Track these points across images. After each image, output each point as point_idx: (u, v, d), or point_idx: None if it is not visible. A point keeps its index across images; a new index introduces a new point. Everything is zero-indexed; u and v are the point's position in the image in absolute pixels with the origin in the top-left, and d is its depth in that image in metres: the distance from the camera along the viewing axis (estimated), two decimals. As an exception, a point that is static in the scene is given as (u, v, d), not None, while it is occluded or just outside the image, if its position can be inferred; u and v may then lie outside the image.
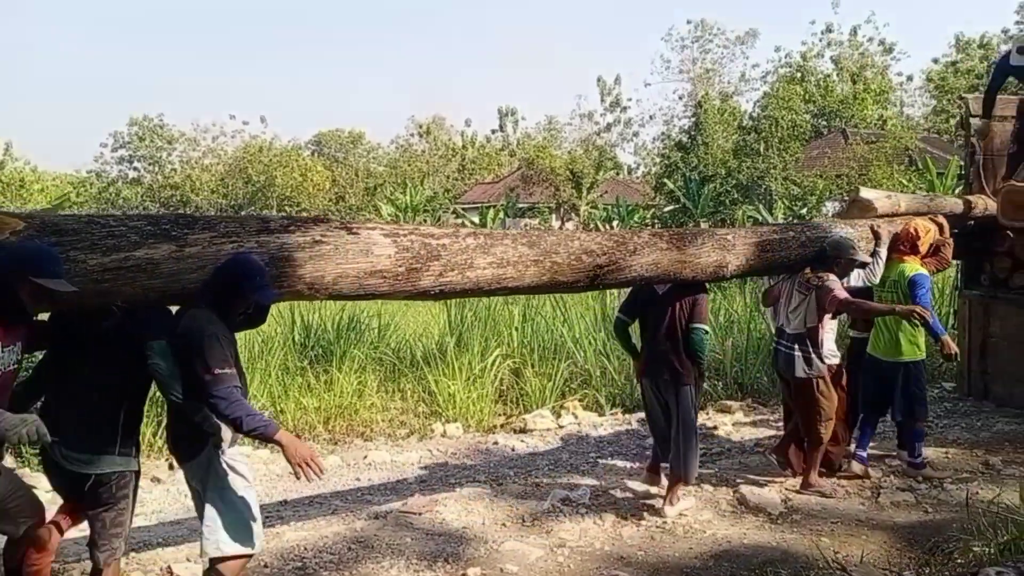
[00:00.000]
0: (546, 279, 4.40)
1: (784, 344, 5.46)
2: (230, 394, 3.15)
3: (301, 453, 3.21)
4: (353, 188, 45.68)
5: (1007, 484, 5.46)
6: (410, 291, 3.93)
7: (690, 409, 5.10)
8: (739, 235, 5.24)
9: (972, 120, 7.21)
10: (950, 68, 32.37)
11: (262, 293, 3.33)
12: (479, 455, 6.67)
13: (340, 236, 3.67)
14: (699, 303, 5.07)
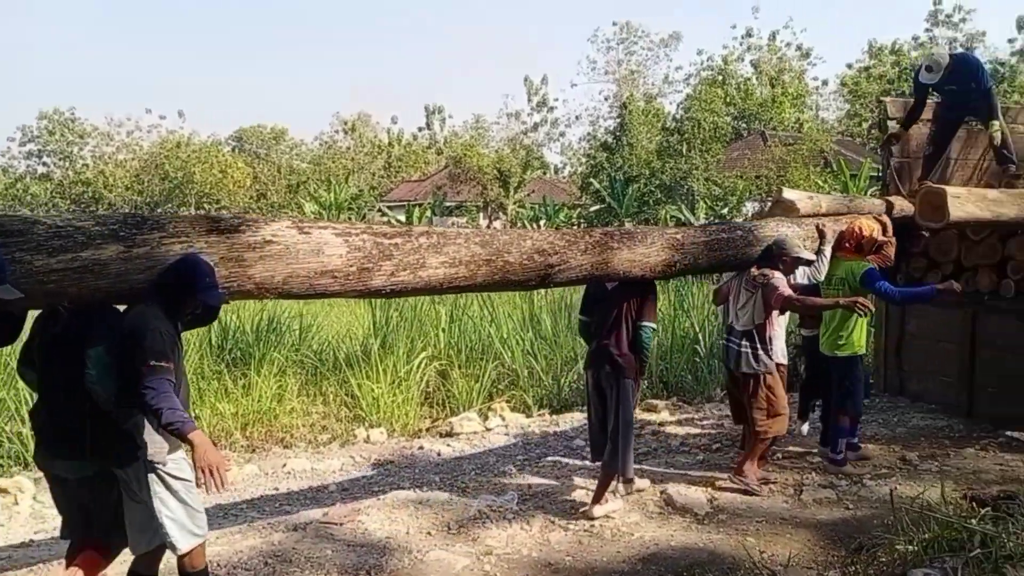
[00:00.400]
0: (498, 278, 4.41)
1: (734, 341, 5.53)
2: (160, 385, 3.13)
3: (210, 458, 3.17)
4: (275, 185, 44.59)
5: (924, 479, 5.58)
6: (362, 291, 3.92)
7: (629, 404, 5.10)
8: (688, 234, 5.30)
9: (889, 123, 7.39)
10: (863, 73, 33.54)
11: (210, 294, 3.30)
12: (404, 461, 6.50)
13: (291, 236, 3.63)
14: (648, 301, 5.12)
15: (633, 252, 4.92)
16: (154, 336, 3.19)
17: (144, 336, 3.18)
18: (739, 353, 5.45)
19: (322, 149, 52.14)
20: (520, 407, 8.40)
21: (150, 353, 3.16)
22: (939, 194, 5.68)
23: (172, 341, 3.30)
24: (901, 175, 7.25)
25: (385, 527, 5.06)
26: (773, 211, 6.57)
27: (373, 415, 7.63)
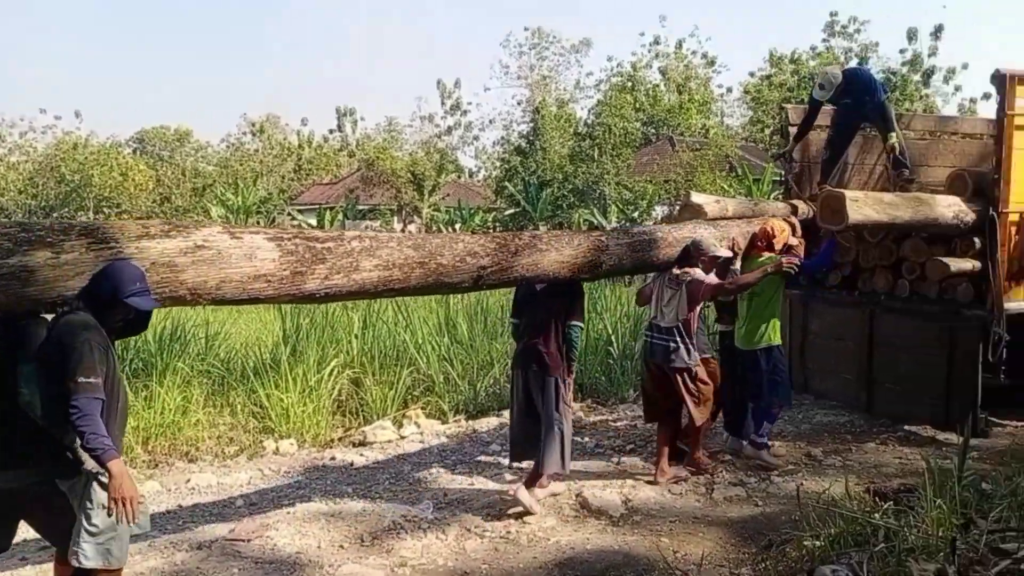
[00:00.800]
0: (431, 280, 4.48)
1: (659, 337, 5.70)
2: (86, 405, 3.06)
3: (124, 491, 3.12)
4: (180, 189, 42.97)
5: (829, 474, 5.77)
6: (295, 294, 3.94)
7: (554, 402, 5.17)
8: (612, 236, 5.48)
9: (791, 129, 7.63)
10: (765, 81, 34.70)
11: (140, 300, 3.26)
12: (315, 472, 6.30)
13: (223, 241, 3.66)
14: (576, 301, 5.28)
15: (561, 254, 5.05)
16: (83, 349, 3.10)
17: (72, 349, 3.09)
18: (667, 348, 5.63)
19: (229, 151, 50.59)
20: (436, 413, 8.28)
21: (78, 369, 3.07)
22: (839, 198, 5.89)
23: (103, 352, 3.19)
24: (802, 179, 7.50)
25: (295, 542, 4.89)
26: (682, 214, 6.70)
27: (283, 426, 7.39)
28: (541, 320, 5.25)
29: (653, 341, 5.76)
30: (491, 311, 11.34)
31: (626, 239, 5.52)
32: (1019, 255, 6.27)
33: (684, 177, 24.22)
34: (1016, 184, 6.25)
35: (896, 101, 27.44)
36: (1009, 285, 6.30)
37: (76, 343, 3.10)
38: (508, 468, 6.03)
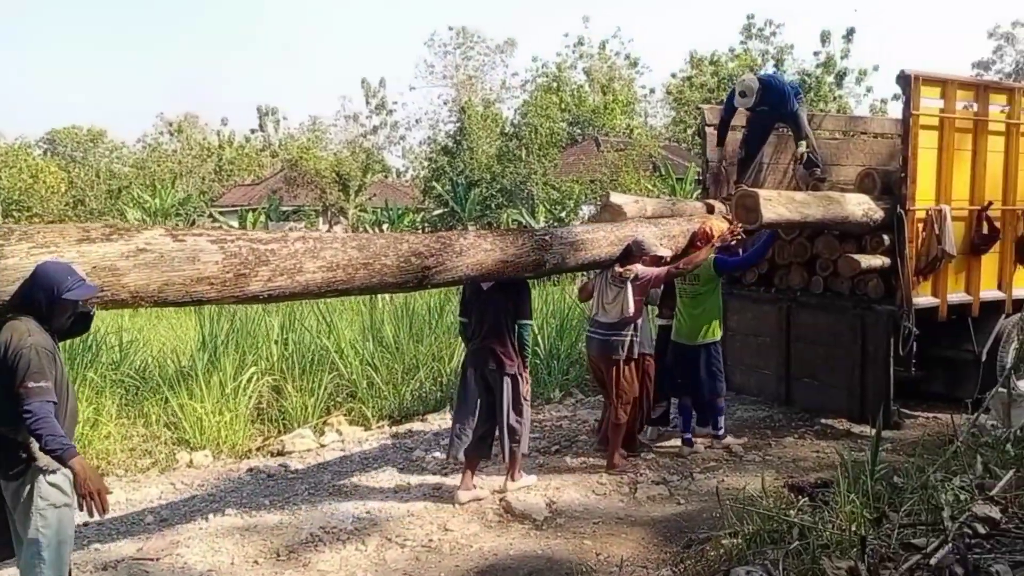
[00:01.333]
0: (375, 281, 4.53)
1: (600, 332, 5.92)
2: (40, 409, 3.12)
3: (91, 484, 3.19)
4: (94, 191, 41.26)
5: (749, 470, 5.85)
6: (239, 296, 3.98)
7: (518, 394, 5.41)
8: (555, 235, 5.54)
9: (707, 129, 7.73)
10: (686, 82, 35.31)
11: (79, 291, 3.28)
12: (230, 484, 6.07)
13: (165, 244, 3.69)
14: (523, 299, 5.45)
15: (505, 253, 5.12)
16: (30, 353, 3.15)
17: (20, 355, 3.15)
18: (607, 343, 5.86)
19: (146, 152, 48.91)
20: (359, 420, 8.11)
21: (27, 374, 3.13)
22: (753, 197, 5.97)
23: (49, 355, 3.24)
24: (719, 179, 7.60)
25: (207, 559, 4.70)
26: (602, 215, 6.70)
27: (198, 437, 7.11)
28: (492, 320, 5.38)
29: (595, 336, 5.97)
30: (418, 314, 11.19)
31: (569, 238, 5.59)
32: (926, 251, 6.48)
33: (609, 177, 24.41)
34: (922, 182, 6.46)
35: (811, 102, 28.27)
36: (917, 280, 6.50)
37: (23, 349, 3.15)
38: (432, 471, 5.93)
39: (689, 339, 6.28)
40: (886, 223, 6.45)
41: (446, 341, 9.92)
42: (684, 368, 6.35)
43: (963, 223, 6.78)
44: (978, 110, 6.79)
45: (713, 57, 34.61)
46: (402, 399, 8.45)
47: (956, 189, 6.68)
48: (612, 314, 5.82)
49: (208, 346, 8.90)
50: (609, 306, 5.84)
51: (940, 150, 6.60)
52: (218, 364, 8.20)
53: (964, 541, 3.07)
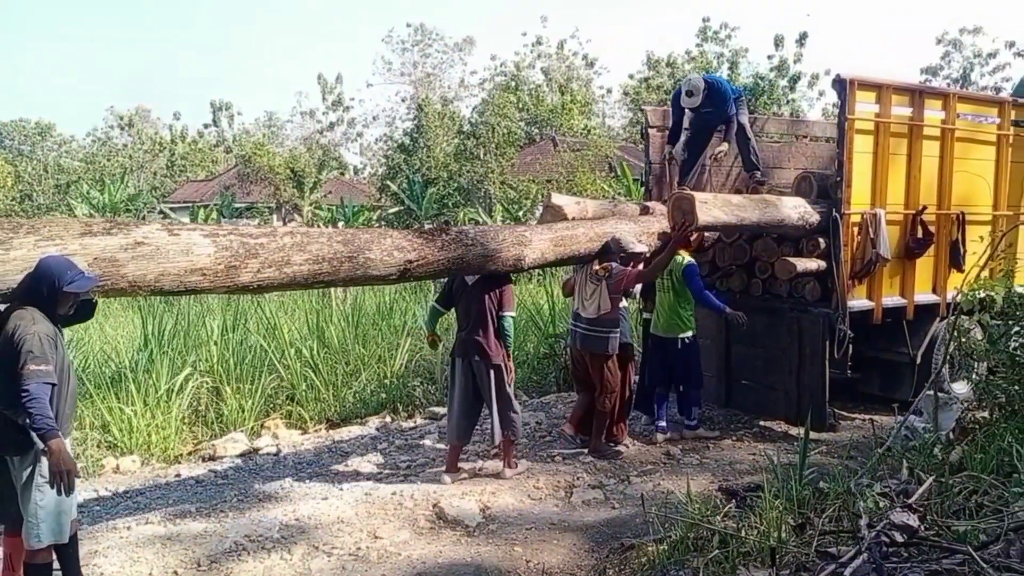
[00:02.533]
0: (360, 273, 4.77)
1: (581, 327, 6.23)
2: (36, 390, 3.42)
3: (63, 464, 3.49)
4: (42, 185, 40.22)
5: (685, 473, 5.83)
6: (230, 286, 4.25)
7: (503, 383, 5.76)
8: (535, 232, 5.83)
9: (650, 130, 7.71)
10: (643, 84, 35.53)
11: (80, 283, 3.56)
12: (156, 491, 5.88)
13: (162, 237, 3.97)
14: (505, 292, 5.74)
15: (486, 248, 5.37)
16: (33, 339, 3.46)
17: (23, 340, 3.45)
18: (587, 337, 6.18)
19: (96, 146, 47.78)
20: (298, 423, 7.96)
21: (29, 357, 3.43)
22: (688, 199, 5.96)
23: (51, 342, 3.54)
24: (661, 180, 7.59)
25: (124, 569, 4.54)
26: (544, 216, 6.66)
27: (126, 441, 6.89)
28: (477, 312, 5.71)
29: (577, 330, 6.28)
30: (366, 314, 11.03)
31: (548, 234, 5.81)
32: (861, 255, 6.52)
33: (566, 177, 24.42)
34: (857, 186, 6.51)
35: (764, 105, 28.65)
36: (852, 284, 6.55)
37: (26, 336, 3.46)
38: (367, 476, 5.81)
39: (666, 331, 6.61)
40: (822, 226, 6.48)
41: (393, 342, 9.79)
42: (661, 359, 6.70)
43: (898, 227, 6.84)
44: (913, 115, 6.86)
45: (670, 59, 34.88)
46: (343, 401, 8.31)
47: (891, 193, 6.73)
48: (590, 310, 6.12)
49: (149, 345, 8.67)
50: (587, 302, 6.13)
51: (876, 154, 6.64)
52: (154, 366, 7.98)
53: (881, 550, 3.06)
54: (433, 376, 9.03)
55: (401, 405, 8.33)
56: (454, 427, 5.94)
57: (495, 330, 5.72)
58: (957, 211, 7.12)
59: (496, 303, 5.72)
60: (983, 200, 7.42)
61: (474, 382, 5.83)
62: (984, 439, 4.62)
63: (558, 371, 9.15)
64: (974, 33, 38.88)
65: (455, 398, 5.92)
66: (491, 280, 5.71)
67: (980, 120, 7.59)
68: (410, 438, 7.20)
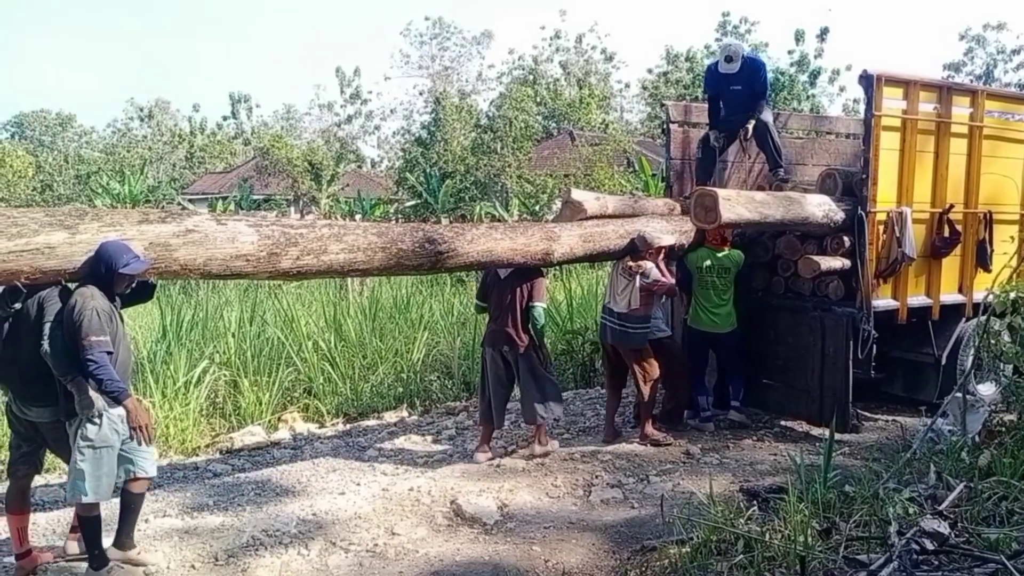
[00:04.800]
0: (393, 263, 5.08)
1: (613, 321, 6.33)
2: (100, 358, 3.85)
3: (140, 418, 4.03)
4: (62, 176, 40.54)
5: (705, 473, 5.76)
6: (272, 272, 4.63)
7: (535, 365, 6.00)
8: (564, 228, 5.98)
9: (672, 126, 7.61)
10: (662, 78, 35.31)
11: (134, 266, 3.97)
12: (174, 484, 5.88)
13: (210, 226, 4.37)
14: (536, 284, 5.95)
15: (515, 242, 5.58)
16: (91, 315, 3.86)
17: (83, 314, 3.86)
18: (618, 331, 6.29)
19: (115, 137, 48.09)
20: (315, 416, 7.95)
21: (89, 329, 3.84)
22: (711, 196, 5.87)
23: (108, 317, 3.97)
24: (683, 177, 7.50)
25: (143, 563, 4.52)
26: (563, 211, 6.58)
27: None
28: (507, 304, 5.91)
29: (608, 324, 6.37)
30: (383, 307, 11.01)
31: (577, 231, 5.96)
32: (887, 254, 6.41)
33: (583, 172, 24.31)
34: (883, 184, 6.40)
35: (784, 100, 28.36)
36: (877, 283, 6.44)
37: (85, 310, 3.86)
38: (384, 471, 5.79)
39: (723, 325, 6.71)
40: (847, 224, 6.38)
41: (410, 335, 9.77)
42: (706, 354, 6.90)
43: (924, 226, 6.72)
44: (941, 112, 6.73)
45: (689, 53, 34.60)
46: (359, 395, 8.29)
47: (918, 191, 6.61)
48: (621, 304, 6.23)
49: (167, 336, 8.69)
50: (619, 296, 6.24)
51: (902, 151, 6.52)
52: (172, 358, 8.00)
53: (911, 558, 2.99)
54: (450, 371, 9.00)
55: (418, 400, 8.30)
56: (487, 412, 6.20)
57: (524, 321, 5.92)
58: (984, 210, 6.99)
59: (527, 295, 5.90)
60: (1011, 199, 7.28)
61: (506, 369, 6.06)
62: (1013, 443, 4.53)
63: (576, 367, 9.10)
64: (998, 29, 38.29)
65: (488, 386, 6.16)
66: (523, 273, 5.91)
67: (1008, 118, 7.45)
68: (427, 433, 7.17)
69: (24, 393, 4.16)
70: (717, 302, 6.69)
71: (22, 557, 4.37)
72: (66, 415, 4.09)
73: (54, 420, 4.16)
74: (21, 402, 4.17)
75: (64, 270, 3.95)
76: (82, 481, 4.03)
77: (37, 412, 4.16)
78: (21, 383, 4.14)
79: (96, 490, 4.07)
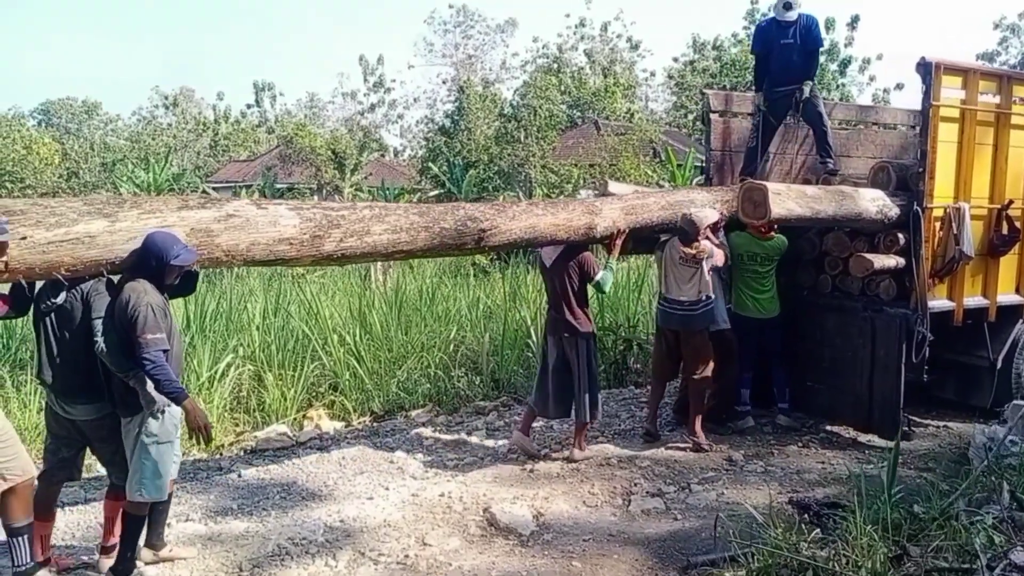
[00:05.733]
0: (436, 242, 4.95)
1: (680, 309, 6.07)
2: (157, 357, 3.77)
3: (198, 420, 3.93)
4: (88, 163, 40.75)
5: (750, 482, 5.49)
6: (315, 255, 4.51)
7: (590, 360, 5.86)
8: (606, 202, 5.76)
9: (712, 115, 7.29)
10: (688, 67, 34.76)
11: (184, 256, 3.88)
12: (198, 486, 5.68)
13: (251, 211, 4.27)
14: (585, 261, 5.80)
15: (556, 217, 5.42)
16: (147, 310, 3.77)
17: (138, 310, 3.76)
18: (687, 317, 6.06)
19: (141, 125, 48.26)
20: (340, 414, 7.74)
21: (145, 326, 3.75)
22: (761, 190, 5.57)
23: (162, 311, 3.89)
24: (722, 169, 7.18)
25: (164, 571, 4.36)
26: (601, 205, 6.28)
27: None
28: (560, 289, 5.82)
29: (676, 313, 6.11)
30: (408, 299, 10.78)
31: (619, 204, 5.75)
32: (943, 252, 6.09)
33: (609, 161, 23.94)
34: (940, 178, 6.06)
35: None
36: (933, 282, 6.11)
37: (140, 306, 3.77)
38: (413, 474, 5.58)
39: (768, 310, 6.50)
40: (901, 221, 6.05)
41: (436, 329, 9.53)
42: (754, 342, 6.59)
43: (982, 222, 6.39)
44: (1001, 102, 6.37)
45: (716, 42, 34.04)
46: (386, 391, 8.07)
47: (976, 186, 6.28)
48: (690, 293, 5.99)
49: (191, 329, 8.53)
50: (686, 286, 5.99)
51: (960, 144, 6.19)
52: (195, 351, 7.83)
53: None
54: (478, 367, 8.76)
55: (446, 398, 8.07)
56: (547, 402, 6.00)
57: (579, 305, 5.82)
58: (1046, 206, 6.63)
59: (578, 275, 5.79)
60: (1074, 195, 6.90)
61: (565, 358, 5.89)
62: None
63: (608, 365, 8.83)
64: (1034, 17, 37.32)
65: (549, 375, 5.98)
66: (567, 254, 5.79)
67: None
68: (456, 433, 6.94)
69: (67, 389, 4.02)
70: (759, 288, 6.47)
71: (42, 565, 4.20)
72: (125, 411, 4.00)
73: (98, 417, 4.06)
74: (63, 399, 4.04)
75: (105, 260, 3.83)
76: (147, 478, 3.97)
77: (81, 409, 4.04)
78: (64, 379, 4.01)
79: (156, 489, 4.02)
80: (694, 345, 6.13)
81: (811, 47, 6.91)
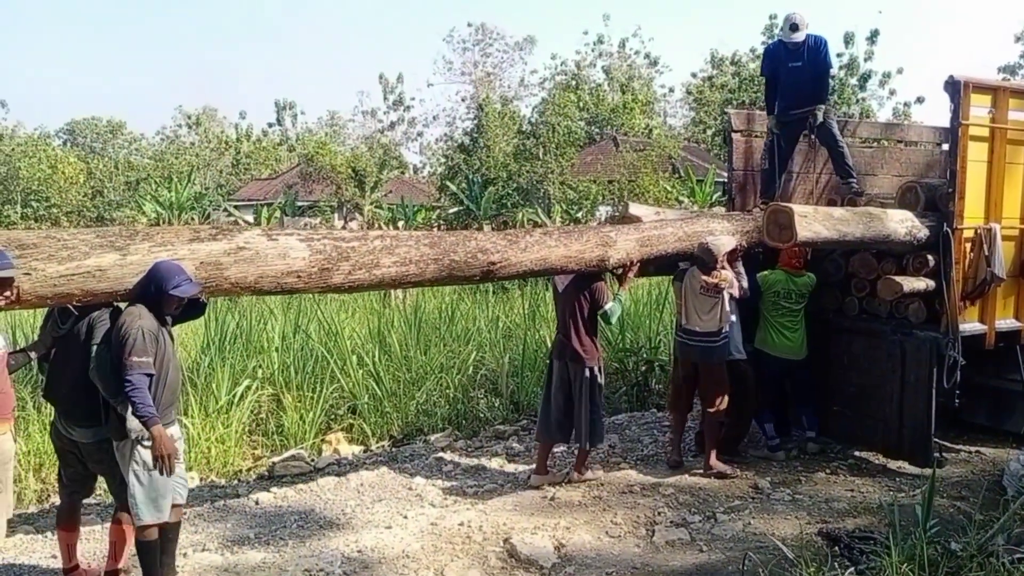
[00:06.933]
0: (445, 275, 4.96)
1: (700, 341, 5.96)
2: (138, 380, 3.80)
3: (165, 448, 3.90)
4: (112, 182, 41.27)
5: (777, 511, 5.35)
6: (323, 287, 4.55)
7: (594, 387, 5.77)
8: (620, 232, 5.69)
9: (733, 135, 7.19)
10: (706, 83, 34.71)
11: (184, 288, 3.91)
12: (214, 514, 5.61)
13: (261, 242, 4.28)
14: (597, 290, 5.72)
15: (568, 249, 5.36)
16: (137, 333, 3.83)
17: (128, 333, 3.83)
18: (709, 350, 5.95)
19: (164, 144, 48.86)
20: (359, 438, 7.67)
21: (132, 349, 3.81)
22: (787, 213, 5.46)
23: (153, 337, 3.91)
24: (744, 189, 7.07)
25: (181, 604, 4.27)
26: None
27: (186, 456, 6.66)
28: (568, 315, 5.77)
29: (696, 345, 5.99)
30: (427, 319, 10.72)
31: (634, 234, 5.69)
32: (974, 274, 5.94)
33: (628, 178, 23.86)
34: (970, 198, 5.93)
35: (833, 104, 27.58)
36: (964, 305, 5.96)
37: (131, 330, 3.83)
38: (432, 502, 5.47)
39: (797, 352, 6.37)
40: (931, 242, 5.91)
41: (455, 349, 9.46)
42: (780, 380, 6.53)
43: (1013, 243, 6.24)
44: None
45: (734, 57, 33.96)
46: (405, 414, 7.99)
47: (1007, 206, 6.13)
48: (710, 324, 5.89)
49: (210, 351, 8.51)
50: (706, 316, 5.89)
51: (990, 163, 6.05)
52: (214, 373, 7.80)
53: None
54: (497, 388, 8.67)
55: (465, 421, 7.98)
56: (549, 424, 5.94)
57: (587, 332, 5.74)
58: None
59: (589, 302, 5.72)
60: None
61: (570, 384, 5.84)
62: None
63: (629, 388, 8.71)
64: (1057, 31, 36.84)
65: (551, 397, 5.94)
66: (581, 281, 5.72)
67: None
68: (476, 458, 6.84)
69: (70, 412, 4.16)
70: (790, 326, 6.33)
71: (69, 572, 4.41)
72: (117, 435, 4.02)
73: (96, 441, 4.15)
74: (66, 421, 4.17)
75: (115, 292, 3.90)
76: (142, 502, 4.00)
77: (80, 432, 4.15)
78: (68, 402, 4.17)
79: (154, 512, 4.03)
80: (713, 378, 6.01)
81: (820, 70, 6.83)
